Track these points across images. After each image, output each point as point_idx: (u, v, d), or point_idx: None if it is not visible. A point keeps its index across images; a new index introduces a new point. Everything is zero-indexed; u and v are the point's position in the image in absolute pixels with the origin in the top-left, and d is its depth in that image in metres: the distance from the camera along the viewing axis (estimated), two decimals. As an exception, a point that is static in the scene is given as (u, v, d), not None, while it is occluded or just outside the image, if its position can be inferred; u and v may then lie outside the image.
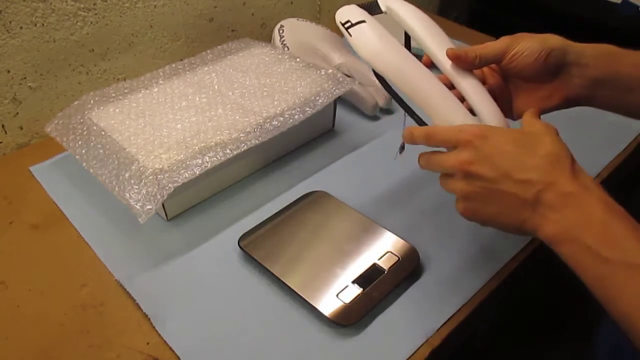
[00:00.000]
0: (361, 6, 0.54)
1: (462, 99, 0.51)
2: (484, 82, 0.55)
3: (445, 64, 0.52)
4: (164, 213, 0.63)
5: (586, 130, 0.78)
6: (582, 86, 0.51)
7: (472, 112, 0.51)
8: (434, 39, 0.53)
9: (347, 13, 0.53)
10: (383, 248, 0.58)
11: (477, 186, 0.44)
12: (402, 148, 0.59)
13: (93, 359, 0.50)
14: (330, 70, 0.75)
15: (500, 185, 0.43)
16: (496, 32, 1.06)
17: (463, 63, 0.51)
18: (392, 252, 0.58)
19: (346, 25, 0.52)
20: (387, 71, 0.50)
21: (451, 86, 0.52)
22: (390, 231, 0.60)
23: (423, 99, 0.49)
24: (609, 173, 0.73)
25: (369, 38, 0.51)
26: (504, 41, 0.52)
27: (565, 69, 0.51)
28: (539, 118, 0.48)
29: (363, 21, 0.51)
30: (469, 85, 0.51)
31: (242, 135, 0.64)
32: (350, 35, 0.51)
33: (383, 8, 0.56)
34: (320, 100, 0.70)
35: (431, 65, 0.53)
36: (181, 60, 0.78)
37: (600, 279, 0.39)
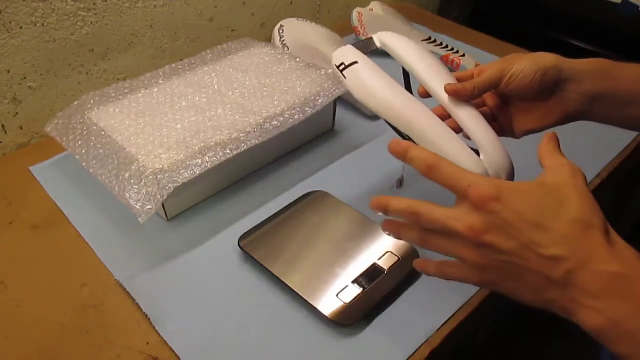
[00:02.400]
0: (358, 43, 0.55)
1: (459, 129, 0.51)
2: (483, 104, 0.56)
3: (442, 96, 0.51)
4: (164, 213, 0.63)
5: (586, 130, 0.77)
6: (579, 102, 0.51)
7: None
8: (429, 70, 0.52)
9: (342, 55, 0.53)
10: (383, 248, 0.58)
11: (491, 259, 0.37)
12: (401, 183, 0.59)
13: (93, 359, 0.50)
14: (330, 70, 0.75)
15: (520, 260, 0.36)
16: (496, 32, 1.07)
17: (462, 97, 0.50)
18: (392, 252, 0.58)
19: (340, 68, 0.52)
20: (382, 111, 0.50)
21: (447, 115, 0.52)
22: (390, 231, 0.60)
23: (420, 137, 0.48)
24: (609, 173, 0.73)
25: (361, 79, 0.51)
26: (498, 66, 0.51)
27: (561, 86, 0.51)
28: (559, 151, 0.42)
29: (356, 62, 0.51)
30: (468, 117, 0.50)
31: (242, 135, 0.64)
32: (345, 78, 0.52)
33: (378, 44, 0.56)
34: (320, 100, 0.70)
35: (427, 95, 0.54)
36: (181, 60, 0.78)
37: None
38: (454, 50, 0.98)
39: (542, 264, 0.35)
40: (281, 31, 0.89)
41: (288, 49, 0.86)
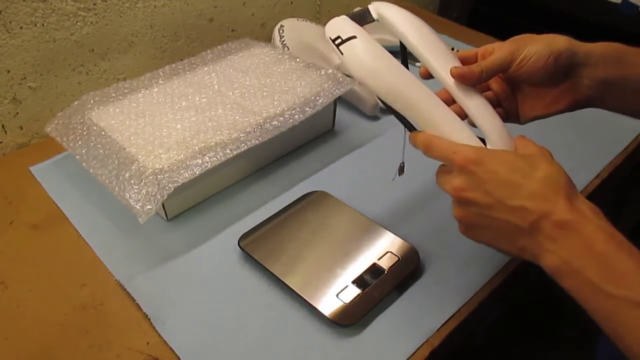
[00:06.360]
0: (352, 15, 0.51)
1: (464, 115, 0.49)
2: (487, 88, 0.53)
3: (446, 78, 0.48)
4: (164, 213, 0.63)
5: (586, 130, 0.78)
6: (590, 88, 0.49)
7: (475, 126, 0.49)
8: (432, 50, 0.49)
9: (337, 27, 0.49)
10: (383, 248, 0.58)
11: (472, 212, 0.43)
12: (402, 169, 0.57)
13: (93, 359, 0.50)
14: (330, 70, 0.75)
15: (494, 213, 0.42)
16: (496, 32, 1.07)
17: (469, 80, 0.47)
18: (392, 252, 0.58)
19: (337, 42, 0.48)
20: (382, 91, 0.47)
21: (452, 100, 0.49)
22: (390, 231, 0.60)
23: (422, 119, 0.47)
24: (609, 173, 0.73)
25: (360, 56, 0.47)
26: (507, 48, 0.48)
27: (573, 71, 0.49)
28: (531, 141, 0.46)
29: (354, 37, 0.47)
30: (474, 104, 0.48)
31: (242, 135, 0.64)
32: (342, 53, 0.48)
33: (375, 15, 0.52)
34: (320, 100, 0.70)
35: (429, 76, 0.51)
36: (181, 60, 0.78)
37: (607, 316, 0.37)
38: (454, 50, 0.98)
39: (511, 214, 0.41)
40: (281, 31, 0.89)
41: (288, 49, 0.86)
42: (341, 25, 0.49)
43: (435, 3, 1.34)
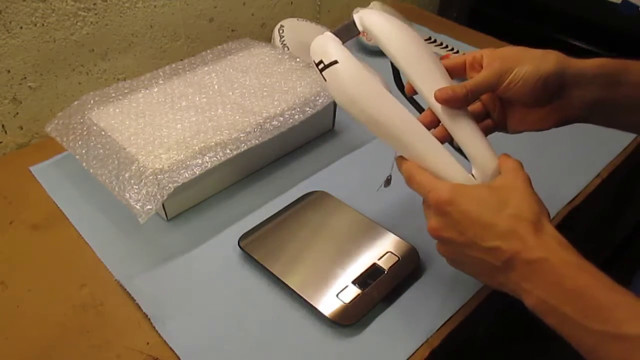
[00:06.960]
0: (338, 30, 0.49)
1: (449, 136, 0.48)
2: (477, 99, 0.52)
3: (431, 100, 0.47)
4: (164, 213, 0.63)
5: (586, 130, 0.77)
6: (580, 109, 0.48)
7: (460, 150, 0.48)
8: (416, 69, 0.48)
9: (320, 49, 0.47)
10: (383, 248, 0.58)
11: (450, 250, 0.45)
12: (388, 182, 0.56)
13: (93, 359, 0.50)
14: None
15: (470, 252, 0.43)
16: (496, 32, 1.07)
17: (453, 104, 0.47)
18: (392, 252, 0.58)
19: (320, 67, 0.47)
20: (364, 122, 0.46)
21: (437, 120, 0.48)
22: (390, 231, 0.60)
23: (404, 151, 0.47)
24: (609, 173, 0.73)
25: (341, 85, 0.46)
26: (495, 69, 0.47)
27: (564, 91, 0.47)
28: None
29: (336, 62, 0.46)
30: (458, 126, 0.47)
31: (242, 135, 0.64)
32: (325, 80, 0.47)
33: (360, 28, 0.49)
34: (320, 100, 0.70)
35: (414, 93, 0.50)
36: (181, 60, 0.78)
37: (590, 350, 0.38)
38: (454, 50, 0.98)
39: (485, 253, 0.42)
40: (281, 31, 0.89)
41: (288, 49, 0.86)
42: (324, 47, 0.47)
43: (435, 3, 1.34)
